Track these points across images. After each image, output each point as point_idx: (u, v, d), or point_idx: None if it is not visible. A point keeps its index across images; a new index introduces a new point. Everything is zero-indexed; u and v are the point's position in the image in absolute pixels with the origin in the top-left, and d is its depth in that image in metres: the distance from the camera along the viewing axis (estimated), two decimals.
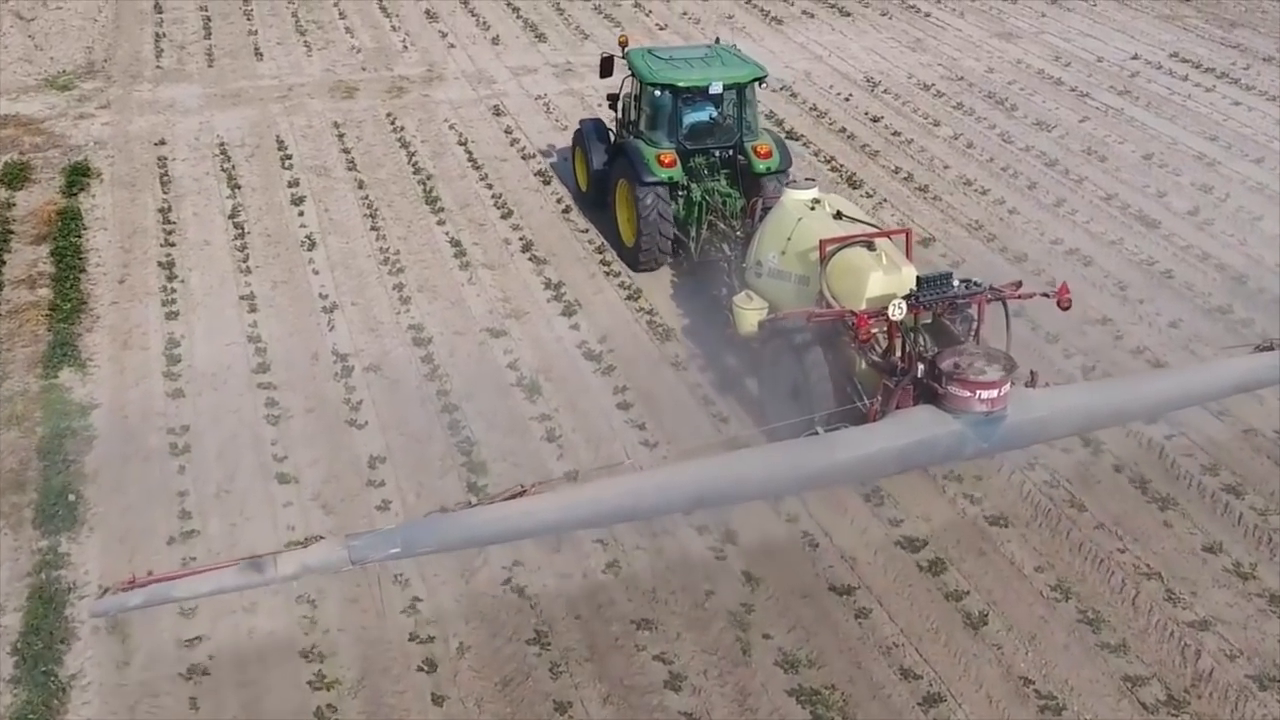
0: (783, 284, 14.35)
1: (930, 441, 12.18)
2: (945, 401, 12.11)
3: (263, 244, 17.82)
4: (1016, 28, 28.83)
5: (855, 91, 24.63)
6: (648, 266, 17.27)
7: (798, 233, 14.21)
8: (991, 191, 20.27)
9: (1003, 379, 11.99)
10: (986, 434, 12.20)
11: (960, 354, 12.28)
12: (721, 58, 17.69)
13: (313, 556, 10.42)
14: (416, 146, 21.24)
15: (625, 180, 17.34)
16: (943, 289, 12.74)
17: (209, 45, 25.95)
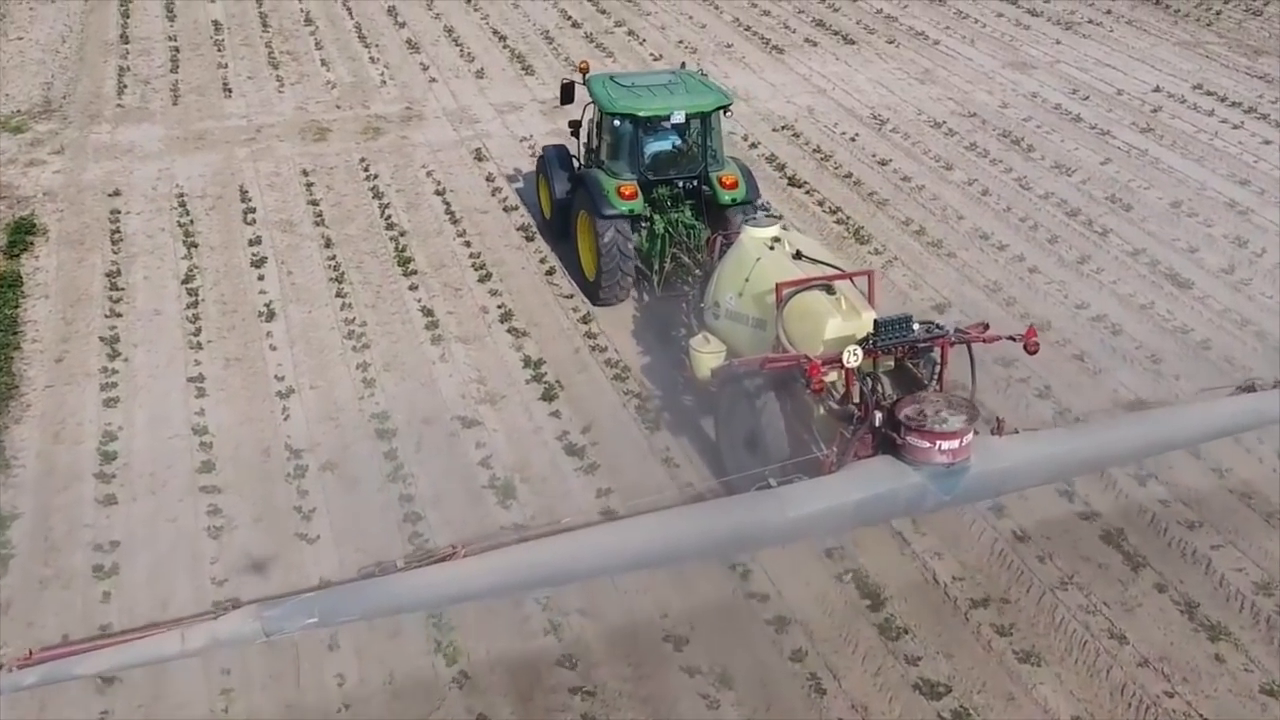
0: (740, 327, 13.76)
1: (888, 495, 11.53)
2: (904, 452, 11.50)
3: (217, 314, 16.33)
4: (1030, 57, 27.33)
5: (861, 130, 23.14)
6: (608, 301, 16.60)
7: (755, 273, 13.57)
8: (1010, 247, 18.78)
9: (965, 429, 11.36)
10: (949, 486, 11.56)
11: (921, 401, 11.65)
12: (686, 84, 16.98)
13: (223, 628, 9.77)
14: (390, 197, 19.74)
15: (585, 212, 16.67)
16: (901, 333, 12.09)
17: (175, 80, 24.45)
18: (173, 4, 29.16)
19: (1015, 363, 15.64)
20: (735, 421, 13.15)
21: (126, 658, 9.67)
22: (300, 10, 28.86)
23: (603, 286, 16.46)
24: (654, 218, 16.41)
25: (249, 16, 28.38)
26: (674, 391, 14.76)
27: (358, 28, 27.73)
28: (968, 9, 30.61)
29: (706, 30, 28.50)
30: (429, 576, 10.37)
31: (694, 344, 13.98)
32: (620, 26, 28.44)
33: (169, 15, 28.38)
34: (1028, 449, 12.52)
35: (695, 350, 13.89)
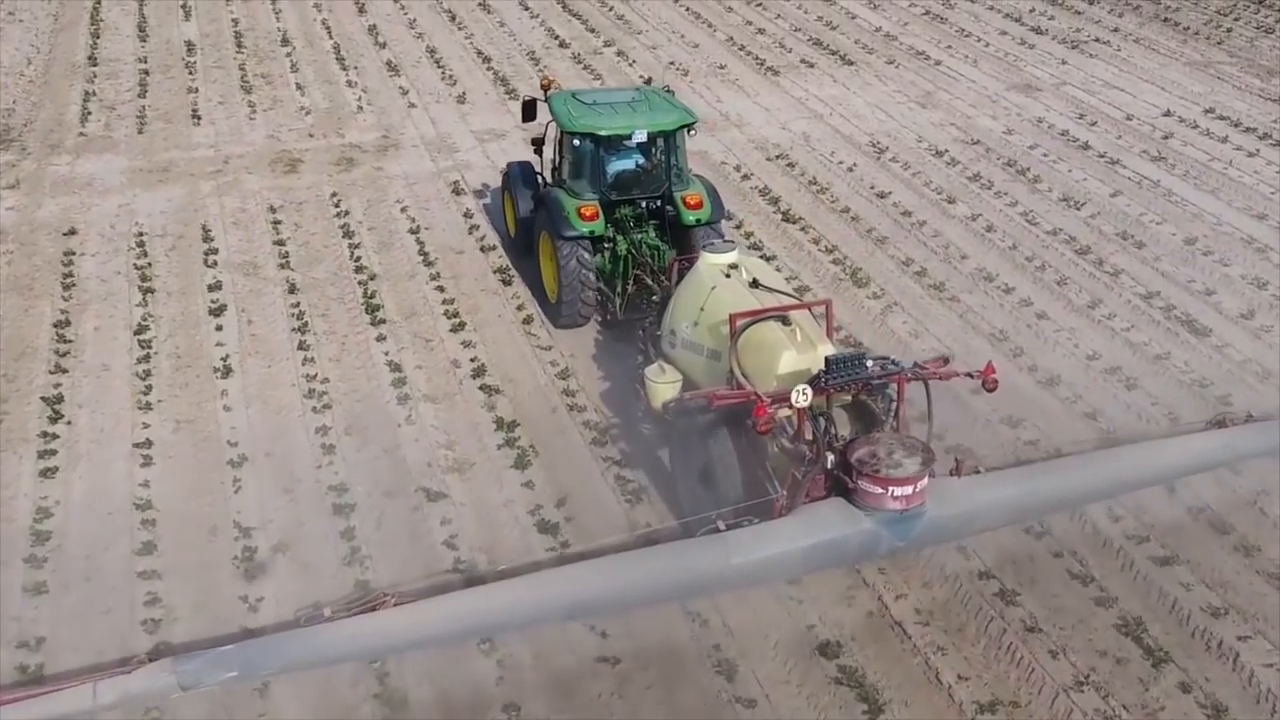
0: (695, 357, 13.24)
1: (839, 542, 11.16)
2: (857, 496, 11.16)
3: (170, 369, 15.25)
4: (1035, 78, 26.28)
5: (860, 159, 22.08)
6: (569, 324, 16.22)
7: (711, 302, 13.09)
8: (1016, 289, 17.71)
9: (919, 474, 11.03)
10: (903, 532, 11.21)
11: (875, 443, 11.33)
12: (650, 102, 16.59)
13: (137, 682, 9.58)
14: (361, 236, 18.67)
15: (546, 232, 16.29)
16: (854, 371, 11.61)
17: (142, 106, 23.38)
18: (145, 23, 28.13)
19: (1023, 423, 14.62)
20: (689, 457, 12.62)
21: (36, 712, 9.41)
22: (278, 29, 27.80)
23: (563, 310, 16.08)
24: (616, 238, 16.01)
25: (224, 36, 27.32)
26: (656, 465, 13.68)
27: (336, 48, 26.66)
28: (970, 26, 29.57)
29: (699, 50, 27.44)
30: (356, 627, 10.04)
31: (649, 374, 13.35)
32: (609, 46, 27.39)
33: (141, 35, 27.32)
34: (988, 491, 12.10)
35: (650, 380, 13.24)
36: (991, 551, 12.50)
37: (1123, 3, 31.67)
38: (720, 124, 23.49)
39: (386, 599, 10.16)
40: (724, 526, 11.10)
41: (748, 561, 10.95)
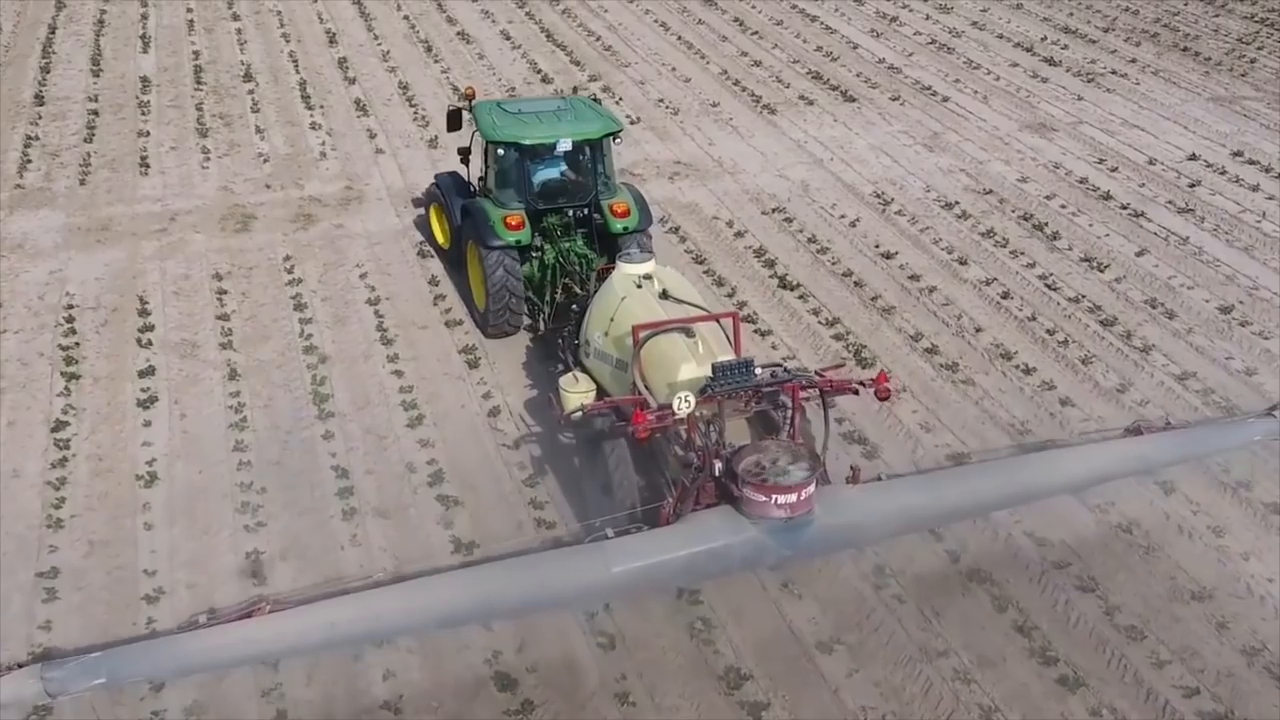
0: (606, 367, 13.45)
1: (723, 550, 11.24)
2: (742, 504, 11.24)
3: (88, 476, 13.49)
4: (1050, 116, 24.57)
5: (863, 213, 20.36)
6: (498, 333, 16.15)
7: (620, 312, 13.29)
8: (1038, 370, 15.98)
9: (803, 482, 11.12)
10: (789, 541, 11.30)
11: (761, 451, 11.48)
12: (575, 110, 16.65)
13: (4, 690, 9.67)
14: (314, 309, 16.91)
15: (473, 242, 16.20)
16: (742, 378, 11.84)
17: (87, 152, 21.60)
18: (100, 55, 26.37)
19: (1048, 544, 12.90)
20: (593, 467, 12.57)
21: None
22: (241, 62, 26.03)
23: (491, 319, 16.00)
24: (544, 247, 15.99)
25: (183, 70, 25.55)
26: (638, 610, 11.96)
27: (302, 84, 24.90)
28: (979, 58, 27.86)
29: (691, 85, 25.71)
30: (228, 635, 10.10)
31: (563, 383, 13.43)
32: (595, 81, 25.65)
33: (94, 69, 25.55)
34: (880, 499, 12.18)
35: (564, 390, 13.30)
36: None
37: (1139, 31, 29.98)
38: (712, 171, 21.77)
39: (263, 606, 10.22)
40: (611, 534, 11.11)
41: (628, 570, 10.94)
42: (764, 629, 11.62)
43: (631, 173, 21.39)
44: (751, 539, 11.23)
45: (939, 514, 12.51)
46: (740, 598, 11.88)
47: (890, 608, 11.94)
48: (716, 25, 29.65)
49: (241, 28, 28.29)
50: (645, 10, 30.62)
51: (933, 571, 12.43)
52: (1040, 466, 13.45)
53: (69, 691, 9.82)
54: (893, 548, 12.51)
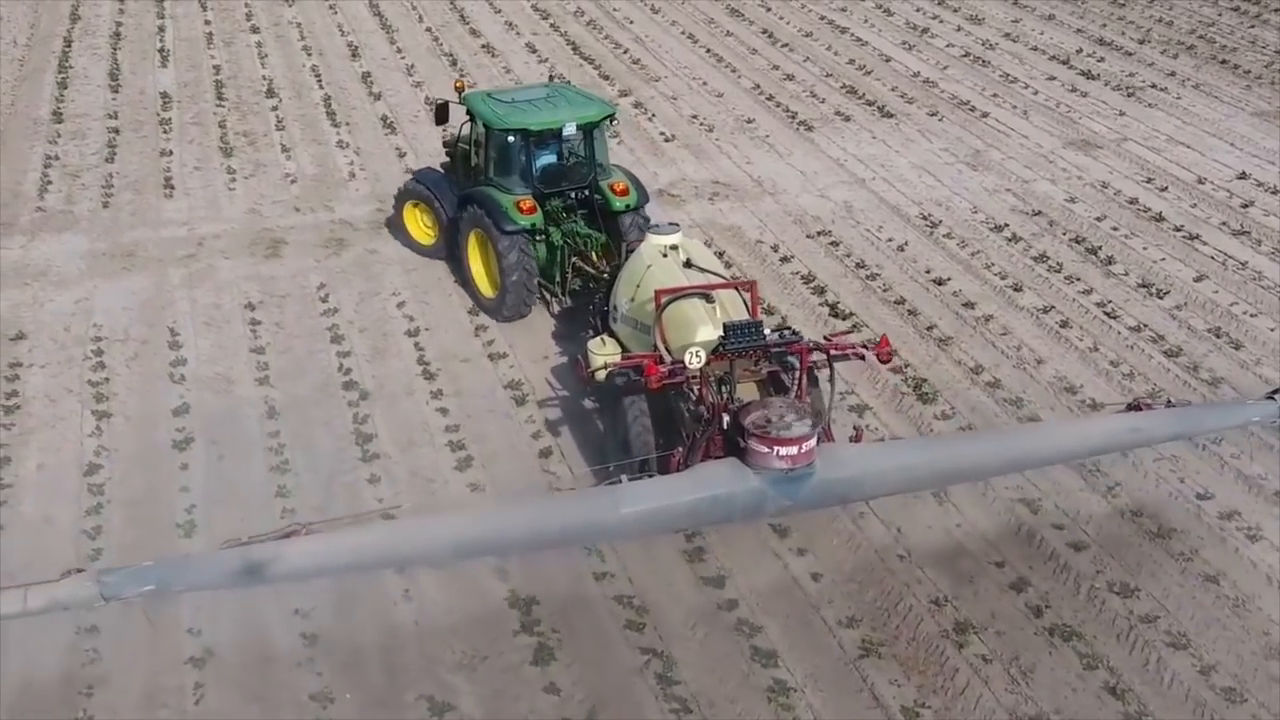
0: (632, 331, 14.31)
1: (726, 498, 11.77)
2: (747, 456, 11.76)
3: (123, 525, 12.83)
4: (1093, 132, 23.95)
5: (911, 236, 19.74)
6: (513, 316, 16.65)
7: (646, 280, 14.09)
8: (1105, 406, 15.37)
9: (805, 435, 11.62)
10: (790, 491, 11.80)
11: (767, 407, 11.98)
12: (565, 97, 17.22)
13: (63, 591, 10.20)
14: (352, 340, 16.28)
15: (480, 231, 16.60)
16: (751, 337, 12.64)
17: (109, 173, 20.98)
18: (118, 70, 25.73)
19: (1137, 593, 12.31)
20: (615, 423, 13.37)
21: None
22: (263, 78, 25.41)
23: (508, 301, 16.44)
24: (549, 230, 16.45)
25: (203, 86, 24.94)
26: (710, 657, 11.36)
27: (326, 100, 24.28)
28: (1015, 71, 27.23)
29: (724, 100, 25.09)
30: (268, 552, 10.53)
31: (591, 345, 14.33)
32: (626, 96, 25.03)
33: (113, 85, 24.93)
34: (878, 458, 12.78)
35: (591, 351, 14.19)
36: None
37: (1175, 42, 29.35)
38: (752, 192, 21.15)
39: (301, 529, 10.76)
40: (625, 479, 11.64)
41: (635, 512, 11.44)
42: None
43: (670, 193, 20.80)
44: (754, 489, 11.72)
45: (936, 476, 12.97)
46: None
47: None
48: (745, 37, 29.03)
49: (261, 40, 27.68)
50: (672, 22, 30.01)
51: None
52: (1038, 436, 13.99)
53: (121, 595, 10.32)
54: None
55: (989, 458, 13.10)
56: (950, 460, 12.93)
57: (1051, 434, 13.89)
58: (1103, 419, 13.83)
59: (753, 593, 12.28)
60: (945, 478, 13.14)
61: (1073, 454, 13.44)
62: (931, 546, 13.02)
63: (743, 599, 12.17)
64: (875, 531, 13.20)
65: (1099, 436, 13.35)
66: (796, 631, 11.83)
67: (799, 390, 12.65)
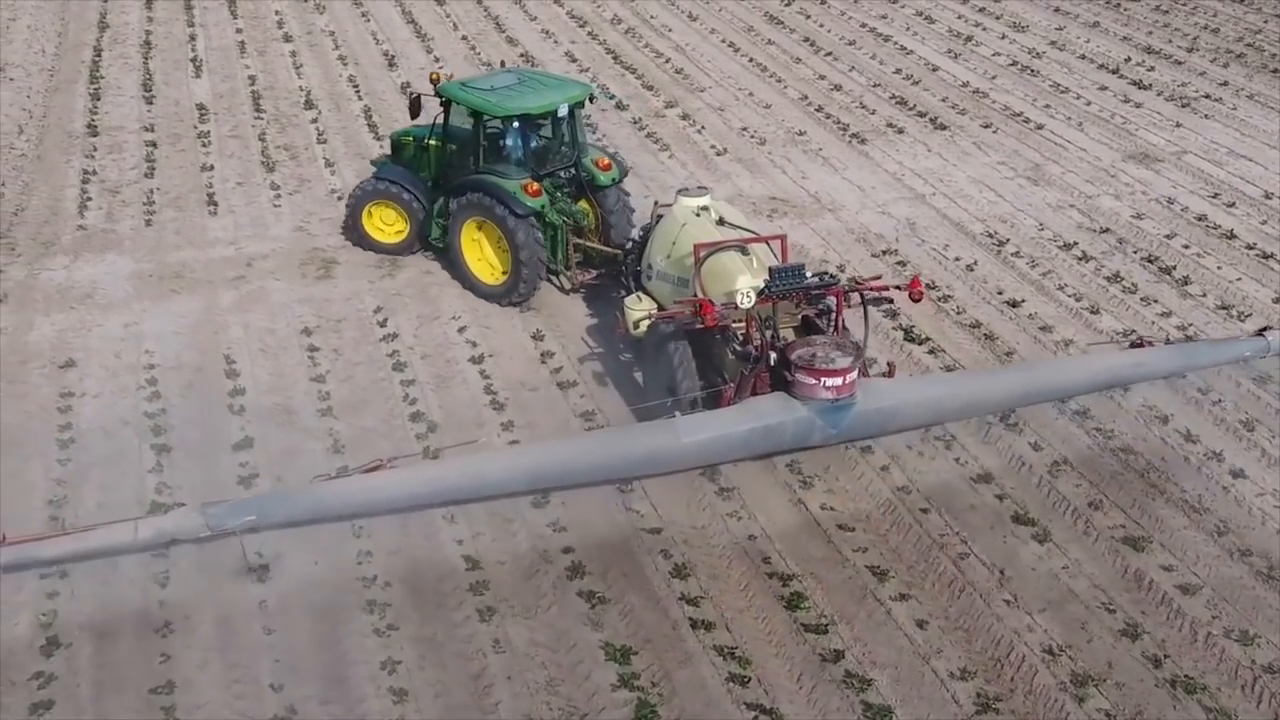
0: (668, 286, 15.04)
1: (777, 428, 12.88)
2: (794, 389, 12.90)
3: (193, 571, 12.15)
4: (1151, 145, 23.34)
5: (978, 254, 19.14)
6: (524, 298, 16.96)
7: (681, 237, 14.89)
8: (1200, 437, 14.75)
9: (849, 367, 12.77)
10: (834, 421, 12.94)
11: (812, 344, 13.19)
12: (540, 80, 17.70)
13: (171, 523, 11.25)
14: (415, 368, 15.66)
15: (481, 218, 16.85)
16: (794, 280, 13.70)
17: (149, 189, 20.34)
18: (151, 80, 25.09)
19: (1258, 640, 11.71)
20: (658, 368, 14.17)
21: (87, 545, 11.33)
22: (299, 89, 24.76)
23: (521, 286, 16.74)
24: (545, 211, 16.72)
25: (239, 97, 24.30)
26: None
27: (366, 112, 23.64)
28: (1065, 80, 26.62)
29: (772, 112, 24.48)
30: (356, 485, 11.78)
31: (628, 302, 15.15)
32: (671, 108, 24.43)
33: (146, 96, 24.28)
34: (911, 391, 14.11)
35: (628, 308, 15.00)
36: None
37: (1224, 51, 28.74)
38: (811, 208, 20.55)
39: (383, 464, 11.97)
40: (679, 415, 12.86)
41: (695, 442, 12.63)
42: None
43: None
44: (802, 418, 12.85)
45: (965, 407, 14.15)
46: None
47: None
48: (787, 46, 28.42)
49: (295, 49, 27.04)
50: (710, 30, 29.40)
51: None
52: (1054, 370, 15.20)
53: (225, 526, 11.18)
54: None
55: (1011, 390, 14.47)
56: (977, 392, 14.31)
57: (1066, 368, 15.24)
58: (1110, 354, 14.98)
59: (857, 642, 11.70)
60: (972, 409, 14.29)
61: (1085, 385, 14.75)
62: (1038, 590, 12.43)
63: (848, 649, 11.58)
64: (977, 574, 12.62)
65: (1107, 370, 14.77)
66: (908, 685, 11.25)
67: (835, 329, 13.82)
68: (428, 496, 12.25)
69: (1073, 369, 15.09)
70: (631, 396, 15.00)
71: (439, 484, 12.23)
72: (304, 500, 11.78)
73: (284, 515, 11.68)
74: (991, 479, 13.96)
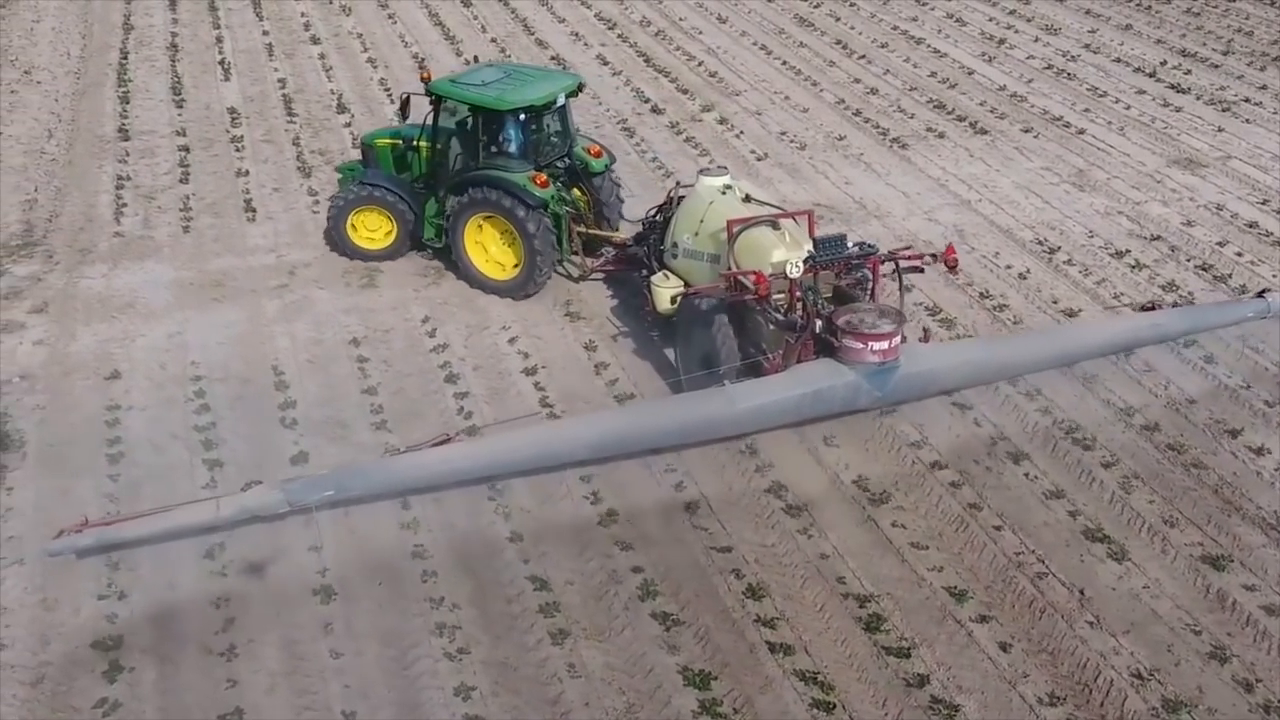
0: (696, 263, 15.35)
1: (826, 391, 13.35)
2: (841, 354, 13.40)
3: (249, 588, 11.89)
4: (1194, 150, 23.02)
5: (1030, 263, 18.80)
6: (536, 290, 17.04)
7: (709, 215, 15.29)
8: (1272, 452, 14.40)
9: (894, 331, 13.30)
10: (880, 383, 13.47)
11: (855, 311, 13.69)
12: (526, 72, 17.90)
13: (252, 499, 11.39)
14: (467, 379, 15.34)
15: (489, 214, 16.72)
16: (838, 250, 14.25)
17: (185, 195, 20.02)
18: (179, 83, 24.77)
19: None
20: (694, 343, 14.60)
21: (169, 525, 11.32)
22: (330, 92, 24.44)
23: (536, 277, 16.81)
24: (552, 201, 16.85)
25: (270, 100, 23.98)
26: None
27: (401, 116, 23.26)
28: (1102, 84, 26.28)
29: (810, 116, 24.16)
30: (426, 458, 12.12)
31: (655, 280, 15.51)
32: (708, 112, 24.10)
33: (175, 99, 23.97)
34: (950, 355, 14.75)
35: (656, 286, 15.42)
36: None
37: (1259, 54, 28.38)
38: (857, 215, 20.22)
39: (451, 437, 12.43)
40: (729, 384, 13.32)
41: (749, 408, 13.03)
42: None
43: None
44: (850, 382, 13.30)
45: (998, 369, 14.72)
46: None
47: None
48: (819, 48, 28.10)
49: (324, 52, 26.72)
50: (741, 32, 29.08)
51: None
52: (1079, 333, 15.95)
53: (304, 501, 11.28)
54: None
55: (1041, 352, 15.07)
56: (1009, 355, 14.91)
57: (1090, 331, 15.94)
58: (1130, 318, 15.74)
59: (941, 665, 11.38)
60: (1005, 371, 14.87)
61: (1108, 347, 15.44)
62: (1120, 611, 12.10)
63: (933, 673, 11.26)
64: (1057, 594, 12.29)
65: (1128, 332, 15.47)
66: (996, 711, 10.93)
67: (871, 296, 14.26)
68: (496, 467, 12.57)
69: (1096, 331, 15.73)
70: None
71: (507, 455, 12.49)
72: (379, 473, 11.97)
73: (361, 489, 11.81)
74: (1063, 494, 13.67)
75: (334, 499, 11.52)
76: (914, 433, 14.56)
